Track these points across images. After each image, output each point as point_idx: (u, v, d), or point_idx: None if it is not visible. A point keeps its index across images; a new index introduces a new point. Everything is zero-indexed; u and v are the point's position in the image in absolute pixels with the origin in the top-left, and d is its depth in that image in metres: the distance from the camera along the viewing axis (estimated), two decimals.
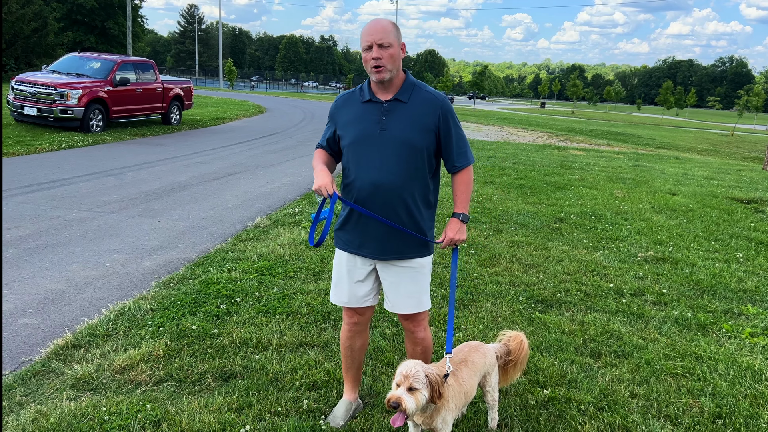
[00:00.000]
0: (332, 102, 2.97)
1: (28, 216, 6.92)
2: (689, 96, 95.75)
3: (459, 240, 2.85)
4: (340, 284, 2.98)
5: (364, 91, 2.83)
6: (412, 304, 2.90)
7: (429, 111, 2.76)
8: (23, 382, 3.42)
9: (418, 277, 2.89)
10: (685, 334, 4.54)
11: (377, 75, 2.67)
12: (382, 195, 2.74)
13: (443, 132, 2.79)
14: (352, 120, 2.81)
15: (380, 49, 2.64)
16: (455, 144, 2.83)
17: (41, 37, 36.57)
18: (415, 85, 2.80)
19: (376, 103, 2.77)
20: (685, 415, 3.39)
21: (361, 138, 2.76)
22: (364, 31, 2.69)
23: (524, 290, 5.27)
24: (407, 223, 2.79)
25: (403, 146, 2.72)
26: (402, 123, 2.73)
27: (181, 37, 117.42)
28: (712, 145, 29.63)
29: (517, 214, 8.35)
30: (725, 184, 12.69)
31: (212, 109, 25.06)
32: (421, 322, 2.98)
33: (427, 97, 2.78)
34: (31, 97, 13.89)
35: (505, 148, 17.77)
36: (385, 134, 2.73)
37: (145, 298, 4.71)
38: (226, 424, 3.05)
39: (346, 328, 3.10)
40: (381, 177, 2.73)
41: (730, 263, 6.51)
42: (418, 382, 2.44)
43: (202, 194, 8.83)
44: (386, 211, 2.76)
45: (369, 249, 2.84)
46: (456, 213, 2.87)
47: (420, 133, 2.74)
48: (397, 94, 2.75)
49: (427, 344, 3.04)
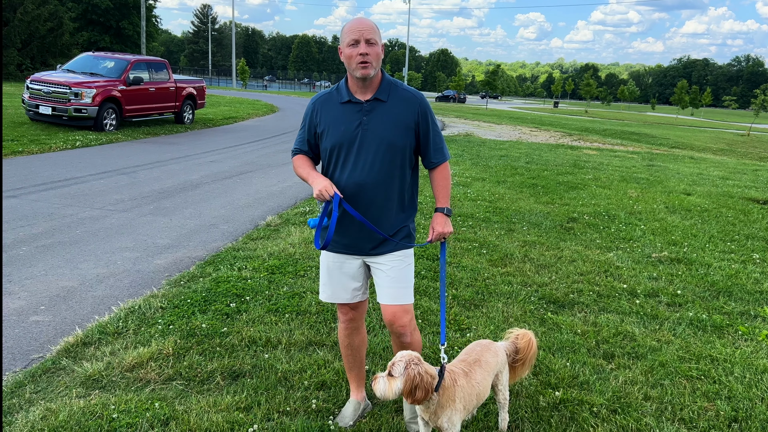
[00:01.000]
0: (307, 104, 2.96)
1: (41, 214, 6.97)
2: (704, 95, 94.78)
3: (447, 233, 2.91)
4: (330, 282, 2.99)
5: (342, 91, 2.81)
6: (399, 294, 2.89)
7: (409, 109, 2.79)
8: (33, 379, 3.43)
9: (403, 267, 2.91)
10: (700, 336, 4.46)
11: (363, 71, 2.65)
12: (366, 194, 2.77)
13: (422, 129, 2.83)
14: (332, 121, 2.80)
15: (368, 45, 2.64)
16: (432, 141, 2.87)
17: (57, 36, 36.94)
18: (392, 83, 2.81)
19: (355, 104, 2.76)
20: (700, 419, 3.32)
21: (343, 139, 2.76)
22: (349, 28, 2.67)
23: (536, 291, 5.21)
24: (392, 220, 2.84)
25: (386, 145, 2.74)
26: (383, 122, 2.74)
27: (194, 36, 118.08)
28: (727, 145, 29.28)
29: (530, 213, 8.28)
30: (741, 184, 12.52)
31: (225, 109, 25.16)
32: (407, 326, 2.92)
33: (406, 96, 2.81)
34: (46, 96, 14.00)
35: (518, 148, 17.66)
36: (367, 134, 2.74)
37: (156, 296, 4.72)
38: (234, 424, 3.03)
39: (342, 326, 3.11)
40: (364, 177, 2.75)
41: (746, 264, 6.41)
42: (397, 371, 2.51)
43: (213, 193, 8.85)
44: (370, 210, 2.79)
45: (355, 247, 2.88)
46: (440, 208, 2.93)
47: (401, 131, 2.77)
48: (376, 93, 2.76)
49: (416, 347, 2.98)
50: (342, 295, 2.99)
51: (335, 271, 2.96)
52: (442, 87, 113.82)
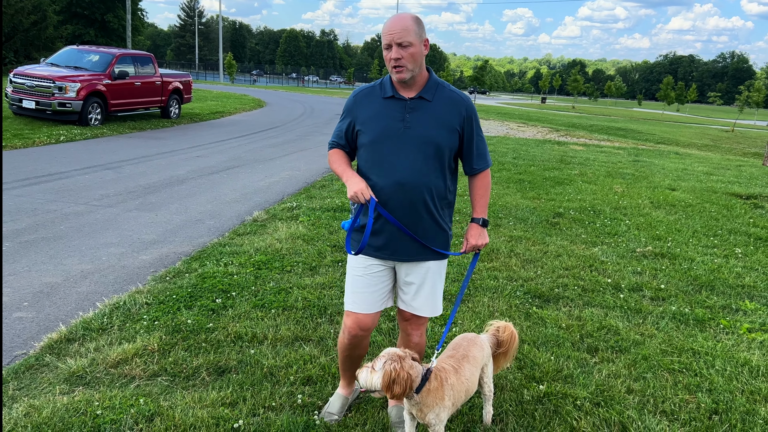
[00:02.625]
0: (349, 95, 2.85)
1: (24, 209, 6.89)
2: (690, 91, 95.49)
3: (481, 245, 2.84)
4: (358, 290, 2.83)
5: (386, 86, 2.72)
6: (429, 307, 2.86)
7: (454, 111, 2.70)
8: (17, 376, 3.40)
9: (437, 279, 2.85)
10: (683, 329, 4.52)
11: (398, 75, 2.59)
12: (404, 194, 2.65)
13: (467, 133, 2.75)
14: (373, 116, 2.70)
15: (400, 48, 2.55)
16: (476, 146, 2.79)
17: (40, 30, 36.44)
18: (439, 83, 2.72)
19: (399, 100, 2.68)
20: (681, 411, 3.37)
21: (384, 135, 2.66)
22: (384, 29, 2.59)
23: (522, 285, 5.25)
24: (429, 223, 2.74)
25: (427, 145, 2.64)
26: (426, 122, 2.65)
27: (181, 30, 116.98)
28: (712, 141, 29.56)
29: (516, 208, 8.33)
30: (725, 180, 12.65)
31: (212, 103, 24.99)
32: (421, 327, 2.93)
33: (453, 97, 2.72)
34: (30, 90, 13.83)
35: (505, 143, 17.72)
36: (409, 132, 2.64)
37: (141, 292, 4.69)
38: (219, 419, 3.03)
39: (346, 341, 2.93)
40: (404, 176, 2.64)
41: (728, 259, 6.49)
42: (378, 365, 2.51)
43: (200, 188, 8.80)
44: (409, 211, 2.68)
45: (390, 251, 2.75)
46: (476, 218, 2.86)
47: (444, 132, 2.67)
48: (421, 92, 2.67)
49: (421, 349, 2.98)
50: (371, 306, 2.83)
51: (362, 278, 2.82)
52: None
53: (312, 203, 8.06)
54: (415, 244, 2.75)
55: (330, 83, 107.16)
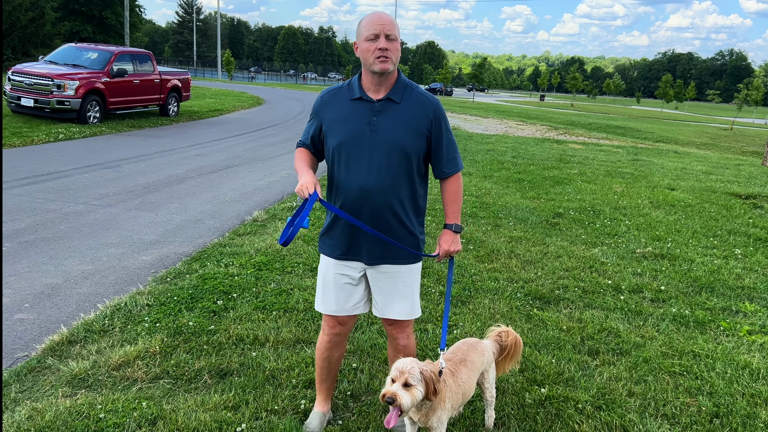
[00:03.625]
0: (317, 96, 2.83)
1: (24, 209, 6.88)
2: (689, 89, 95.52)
3: (454, 251, 2.80)
4: (328, 292, 2.83)
5: (354, 87, 2.68)
6: (405, 310, 2.81)
7: (422, 113, 2.65)
8: (19, 378, 3.40)
9: (410, 282, 2.81)
10: (683, 331, 4.53)
11: (382, 65, 2.53)
12: (370, 199, 2.62)
13: (435, 136, 2.70)
14: (340, 118, 2.67)
15: (388, 40, 2.53)
16: (446, 149, 2.74)
17: (38, 27, 36.33)
18: (407, 85, 2.68)
19: (366, 102, 2.64)
20: (682, 415, 3.38)
21: (350, 138, 2.62)
22: (368, 21, 2.56)
23: (522, 287, 5.26)
24: (397, 229, 2.70)
25: (394, 149, 2.60)
26: (394, 124, 2.61)
27: (179, 27, 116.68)
28: (711, 139, 29.59)
29: (516, 208, 8.33)
30: (724, 179, 12.67)
31: (210, 101, 24.95)
32: (406, 329, 2.89)
33: (420, 99, 2.67)
34: (28, 88, 13.79)
35: (504, 142, 17.73)
36: (376, 135, 2.60)
37: (142, 293, 4.69)
38: (222, 423, 3.04)
39: (326, 338, 2.95)
40: (370, 180, 2.60)
41: (728, 260, 6.50)
42: (414, 378, 2.43)
43: (199, 187, 8.79)
44: (375, 216, 2.64)
45: (358, 254, 2.73)
46: (448, 224, 2.80)
47: (412, 136, 2.63)
48: (389, 93, 2.63)
49: (410, 352, 2.93)
50: (340, 308, 2.83)
51: (332, 281, 2.80)
52: (429, 80, 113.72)
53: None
54: (381, 246, 2.70)
55: (328, 80, 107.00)
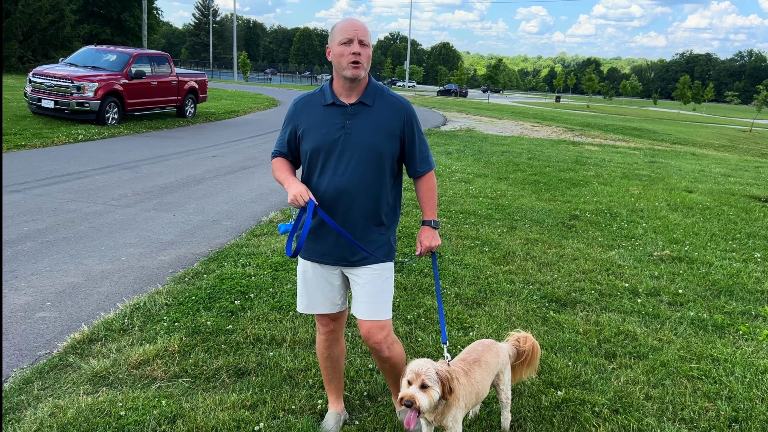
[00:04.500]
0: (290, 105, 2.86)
1: (45, 209, 6.99)
2: (707, 91, 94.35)
3: (435, 246, 2.84)
4: (307, 293, 2.89)
5: (326, 93, 2.73)
6: (373, 310, 2.80)
7: (394, 115, 2.72)
8: (41, 375, 3.47)
9: (382, 283, 2.81)
10: (701, 335, 4.49)
11: (354, 71, 2.58)
12: (346, 201, 2.68)
13: (407, 137, 2.76)
14: (314, 124, 2.71)
15: (361, 46, 2.58)
16: (418, 149, 2.80)
17: (58, 29, 36.81)
18: (378, 88, 2.74)
19: (339, 107, 2.69)
20: (700, 419, 3.36)
21: (325, 142, 2.67)
22: (342, 26, 2.62)
23: (538, 289, 5.24)
24: (371, 229, 2.76)
25: (368, 151, 2.66)
26: (367, 127, 2.67)
27: (195, 29, 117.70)
28: (729, 141, 29.23)
29: (532, 210, 8.31)
30: (743, 182, 12.53)
31: (226, 102, 25.14)
32: (383, 342, 2.82)
33: (392, 102, 2.74)
34: (48, 89, 14.00)
35: (520, 143, 17.66)
36: (350, 139, 2.66)
37: (161, 292, 4.75)
38: (240, 422, 3.07)
39: (322, 338, 3.01)
40: (345, 182, 2.66)
41: (747, 263, 6.43)
42: (430, 379, 2.46)
43: (216, 188, 8.87)
44: (351, 217, 2.70)
45: (334, 257, 2.78)
46: (426, 221, 2.86)
47: (385, 137, 2.69)
48: (361, 97, 2.69)
49: (396, 360, 2.91)
50: (320, 307, 2.89)
51: (313, 281, 2.86)
52: (443, 81, 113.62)
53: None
54: (355, 249, 2.74)
55: None
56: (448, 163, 12.49)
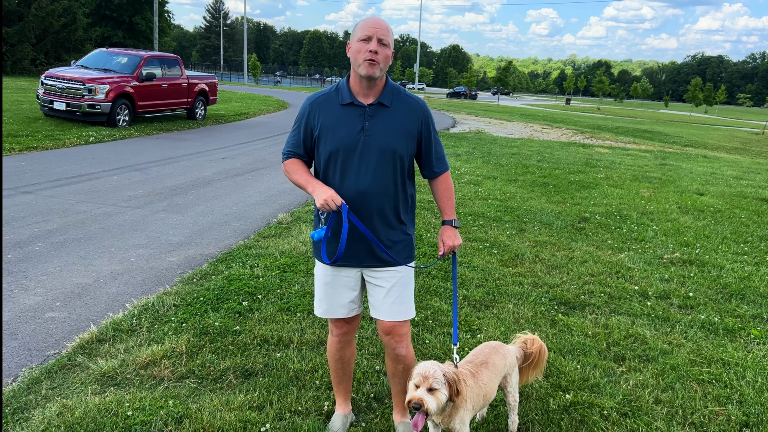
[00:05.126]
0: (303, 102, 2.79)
1: (56, 210, 7.04)
2: (719, 93, 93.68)
3: (457, 246, 2.84)
4: (327, 297, 2.86)
5: (343, 92, 2.68)
6: (399, 311, 2.80)
7: (411, 116, 2.71)
8: (49, 375, 3.48)
9: (406, 283, 2.82)
10: (712, 339, 4.45)
11: (369, 68, 2.54)
12: (367, 202, 2.66)
13: (424, 137, 2.76)
14: (332, 124, 2.66)
15: (380, 45, 2.55)
16: (435, 150, 2.80)
17: (70, 32, 37.15)
18: (395, 89, 2.72)
19: (358, 107, 2.65)
20: (710, 424, 3.32)
21: (344, 144, 2.63)
22: (363, 24, 2.58)
23: (547, 291, 5.21)
24: (392, 230, 2.75)
25: (388, 153, 2.64)
26: (386, 129, 2.65)
27: (206, 32, 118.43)
28: (742, 144, 28.99)
29: (541, 213, 8.27)
30: (755, 184, 12.41)
31: (236, 104, 25.25)
32: (404, 338, 2.86)
33: (409, 102, 2.72)
34: (60, 92, 14.12)
35: (530, 146, 17.60)
36: (369, 140, 2.63)
37: (169, 293, 4.76)
38: (246, 423, 3.07)
39: (334, 340, 2.99)
40: (366, 184, 2.64)
41: (759, 266, 6.37)
42: (438, 382, 2.45)
43: (225, 190, 8.90)
44: (372, 219, 2.69)
45: (355, 259, 2.75)
46: (447, 220, 2.86)
47: (404, 138, 2.68)
48: (379, 97, 2.66)
49: (409, 361, 2.90)
50: (338, 310, 2.87)
51: (331, 285, 2.83)
52: (453, 83, 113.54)
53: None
54: (382, 251, 2.73)
55: None
56: (457, 165, 12.47)
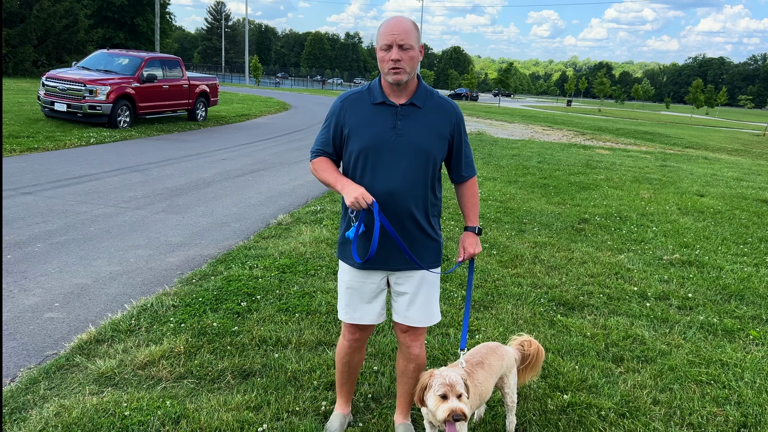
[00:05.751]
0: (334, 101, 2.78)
1: (56, 210, 7.05)
2: (720, 95, 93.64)
3: (476, 253, 2.83)
4: (353, 302, 2.81)
5: (375, 92, 2.67)
6: (425, 317, 2.81)
7: (444, 118, 2.68)
8: (47, 375, 3.49)
9: (432, 289, 2.81)
10: (711, 340, 4.44)
11: (395, 76, 2.53)
12: (397, 203, 2.62)
13: (456, 141, 2.74)
14: (363, 123, 2.64)
15: (400, 50, 2.51)
16: (464, 154, 2.79)
17: (72, 33, 37.24)
18: (428, 90, 2.70)
19: (389, 107, 2.63)
20: (709, 424, 3.32)
21: (376, 143, 2.61)
22: (383, 30, 2.55)
23: (546, 292, 5.21)
24: (422, 233, 2.72)
25: (419, 153, 2.62)
26: (418, 129, 2.62)
27: (207, 33, 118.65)
28: (742, 145, 28.97)
29: (541, 214, 8.27)
30: (756, 186, 12.40)
31: (237, 106, 25.27)
32: (420, 337, 2.87)
33: (443, 104, 2.70)
34: (61, 93, 14.15)
35: (530, 147, 17.60)
36: (401, 140, 2.60)
37: (168, 294, 4.77)
38: (244, 423, 3.07)
39: (346, 344, 2.95)
40: (396, 184, 2.60)
41: (759, 268, 6.36)
42: (462, 387, 2.48)
43: (225, 191, 8.91)
44: (401, 220, 2.65)
45: (383, 260, 2.70)
46: (470, 227, 2.84)
47: (436, 140, 2.66)
48: (412, 98, 2.64)
49: (422, 362, 2.91)
50: (365, 317, 2.81)
51: (357, 290, 2.78)
52: (454, 85, 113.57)
53: (336, 207, 8.10)
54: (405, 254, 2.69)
55: (354, 86, 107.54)
56: None
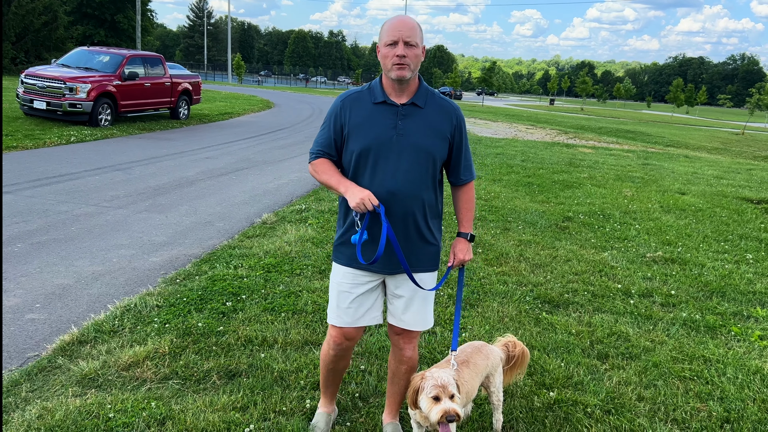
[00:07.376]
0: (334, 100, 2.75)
1: (36, 210, 6.94)
2: (700, 94, 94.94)
3: (468, 260, 2.80)
4: (344, 304, 2.74)
5: (375, 91, 2.65)
6: (421, 321, 2.79)
7: (446, 119, 2.66)
8: (29, 377, 3.43)
9: (428, 294, 2.79)
10: (694, 336, 4.50)
11: (398, 72, 2.51)
12: (398, 204, 2.59)
13: (456, 142, 2.71)
14: (363, 122, 2.61)
15: (406, 47, 2.50)
16: (464, 156, 2.76)
17: (51, 30, 36.71)
18: (429, 90, 2.68)
19: (391, 106, 2.61)
20: (692, 420, 3.36)
21: (377, 143, 2.58)
22: (389, 26, 2.54)
23: (531, 290, 5.24)
24: (421, 235, 2.68)
25: (420, 153, 2.59)
26: (419, 129, 2.60)
27: (190, 31, 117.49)
28: (722, 144, 29.38)
29: (525, 212, 8.31)
30: (735, 184, 12.58)
31: (220, 104, 25.09)
32: (414, 340, 2.86)
33: (444, 105, 2.68)
34: (41, 90, 13.93)
35: (514, 146, 17.69)
36: (402, 140, 2.58)
37: (152, 294, 4.71)
38: (230, 423, 3.04)
39: (332, 352, 2.86)
40: (397, 185, 2.57)
41: (739, 264, 6.45)
42: (454, 387, 2.48)
43: (209, 190, 8.84)
44: (402, 221, 2.62)
45: (386, 263, 2.65)
46: (463, 233, 2.81)
47: (438, 140, 2.63)
48: (413, 98, 2.62)
49: (414, 363, 2.89)
50: (355, 320, 2.74)
51: (350, 291, 2.72)
52: (438, 84, 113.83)
53: (321, 206, 8.08)
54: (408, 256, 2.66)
55: (338, 84, 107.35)
56: None
